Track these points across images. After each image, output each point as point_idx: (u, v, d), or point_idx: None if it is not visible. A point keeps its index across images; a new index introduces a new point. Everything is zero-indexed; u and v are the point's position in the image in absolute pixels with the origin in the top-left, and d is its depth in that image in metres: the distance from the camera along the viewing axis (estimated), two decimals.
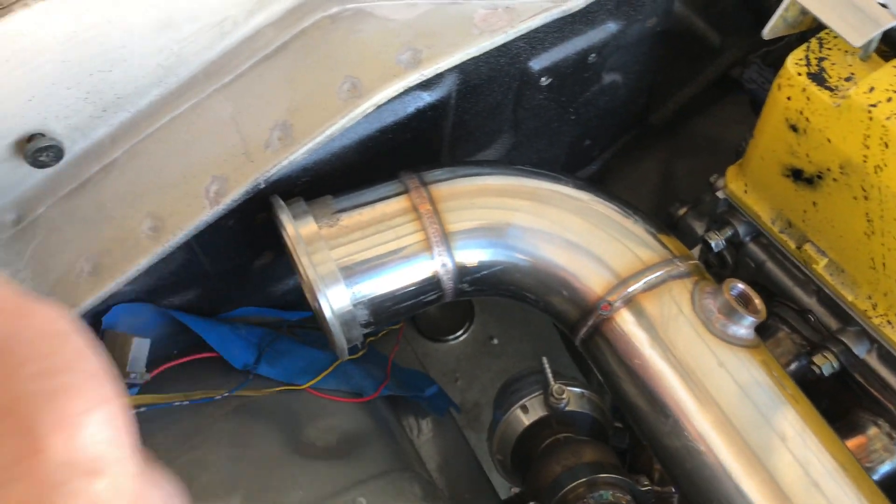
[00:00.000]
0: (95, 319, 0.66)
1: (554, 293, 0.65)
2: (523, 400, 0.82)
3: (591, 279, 0.63)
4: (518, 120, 0.83)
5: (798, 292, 0.74)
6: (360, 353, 0.82)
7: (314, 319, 0.73)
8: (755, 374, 0.59)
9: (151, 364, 0.68)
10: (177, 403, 0.67)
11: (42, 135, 0.60)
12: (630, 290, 0.61)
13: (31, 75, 0.56)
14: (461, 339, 1.16)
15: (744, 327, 0.60)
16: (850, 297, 0.67)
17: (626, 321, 0.62)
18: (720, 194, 0.75)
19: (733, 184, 0.74)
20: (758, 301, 0.61)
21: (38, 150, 0.60)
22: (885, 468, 0.69)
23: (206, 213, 0.61)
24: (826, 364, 0.70)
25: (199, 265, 0.71)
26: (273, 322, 0.82)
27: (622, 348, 0.63)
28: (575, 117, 0.90)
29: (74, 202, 0.64)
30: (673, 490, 0.76)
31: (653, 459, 0.80)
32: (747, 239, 0.76)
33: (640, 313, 0.62)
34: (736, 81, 0.92)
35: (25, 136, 0.60)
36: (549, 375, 0.78)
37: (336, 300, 0.61)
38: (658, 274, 0.62)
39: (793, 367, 0.73)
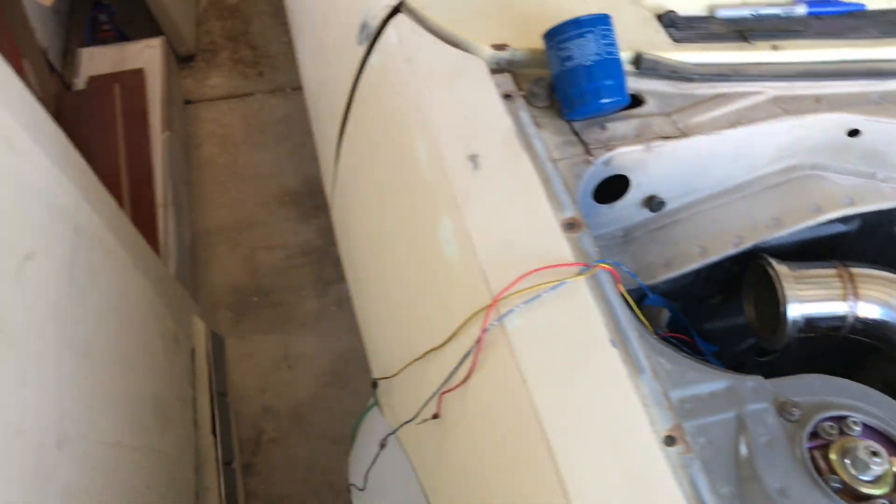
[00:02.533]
0: (641, 296, 1.26)
1: None
2: None
3: None
4: (877, 262, 1.38)
5: None
6: None
7: (716, 354, 1.28)
8: None
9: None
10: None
11: (657, 196, 1.24)
12: None
13: (673, 167, 1.21)
14: None
15: None
16: None
17: None
18: None
19: None
20: None
21: (656, 203, 1.23)
22: None
23: (729, 251, 1.21)
24: None
25: (694, 287, 1.29)
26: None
27: None
28: None
29: (658, 232, 1.26)
30: None
31: None
32: None
33: None
34: None
35: (650, 195, 1.24)
36: None
37: (793, 311, 1.16)
38: None
39: None
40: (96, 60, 3.21)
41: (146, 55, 3.23)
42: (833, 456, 0.87)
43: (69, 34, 3.75)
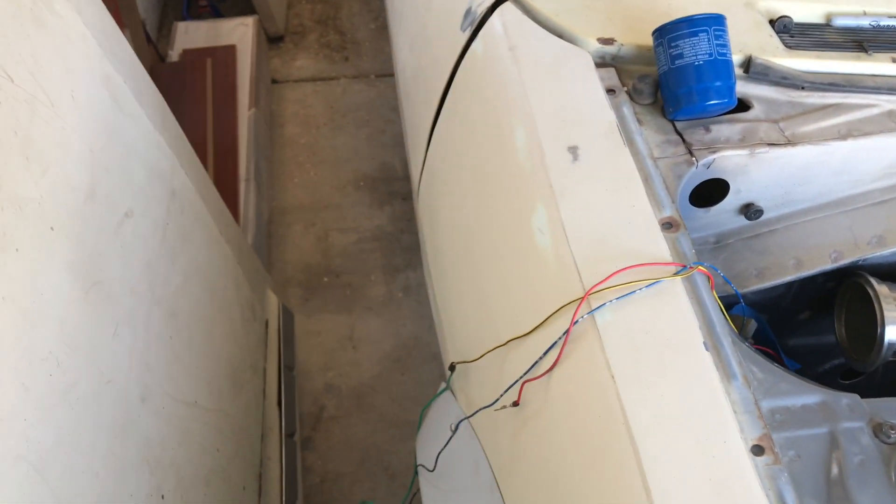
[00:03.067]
0: (729, 304, 1.23)
1: None
2: None
3: None
4: None
5: None
6: None
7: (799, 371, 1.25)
8: None
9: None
10: None
11: (755, 204, 1.21)
12: None
13: (775, 175, 1.17)
14: None
15: None
16: None
17: None
18: None
19: None
20: None
21: (753, 211, 1.20)
22: None
23: (826, 266, 1.17)
24: None
25: (782, 300, 1.26)
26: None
27: None
28: None
29: (752, 241, 1.23)
30: None
31: None
32: None
33: None
34: None
35: (748, 202, 1.21)
36: None
37: (892, 333, 1.12)
38: None
39: None
40: (191, 34, 3.30)
41: (238, 33, 3.30)
42: None
43: (166, 7, 3.86)
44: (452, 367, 1.18)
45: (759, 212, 1.21)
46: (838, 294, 1.24)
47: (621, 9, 1.30)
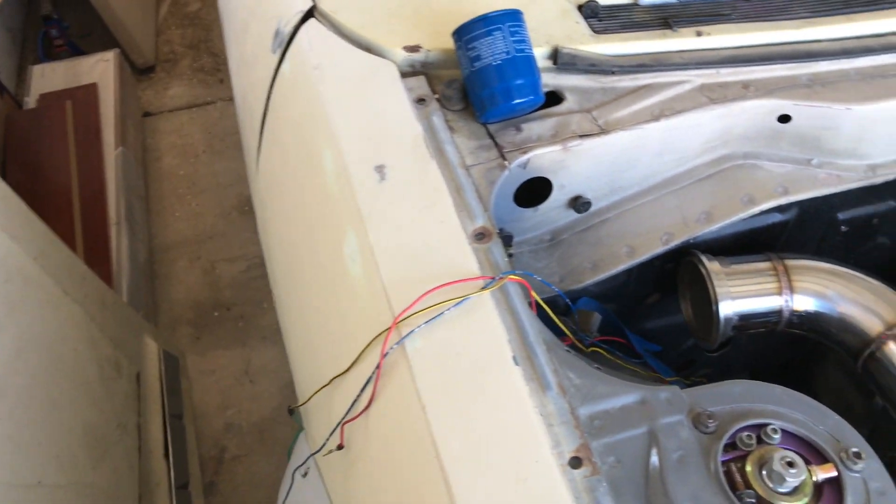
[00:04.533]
0: (573, 300, 1.21)
1: (844, 330, 1.11)
2: None
3: (871, 324, 1.09)
4: (818, 249, 1.33)
5: None
6: None
7: (660, 354, 1.25)
8: None
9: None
10: (616, 358, 1.18)
11: (582, 196, 1.19)
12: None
13: (596, 165, 1.16)
14: None
15: None
16: None
17: (892, 350, 1.07)
18: None
19: None
20: None
21: (581, 204, 1.18)
22: None
23: (659, 249, 1.16)
24: None
25: (627, 288, 1.24)
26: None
27: (888, 369, 1.07)
28: (853, 261, 1.37)
29: (585, 234, 1.21)
30: None
31: None
32: None
33: None
34: None
35: (575, 195, 1.19)
36: None
37: (725, 308, 1.12)
38: None
39: None
40: (48, 77, 3.15)
41: (99, 69, 3.17)
42: (749, 468, 0.82)
43: (24, 51, 3.68)
44: (291, 411, 1.13)
45: (587, 203, 1.19)
46: (678, 275, 1.23)
47: (428, 13, 1.26)
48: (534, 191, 1.17)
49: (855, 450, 0.83)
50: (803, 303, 1.13)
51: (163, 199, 3.01)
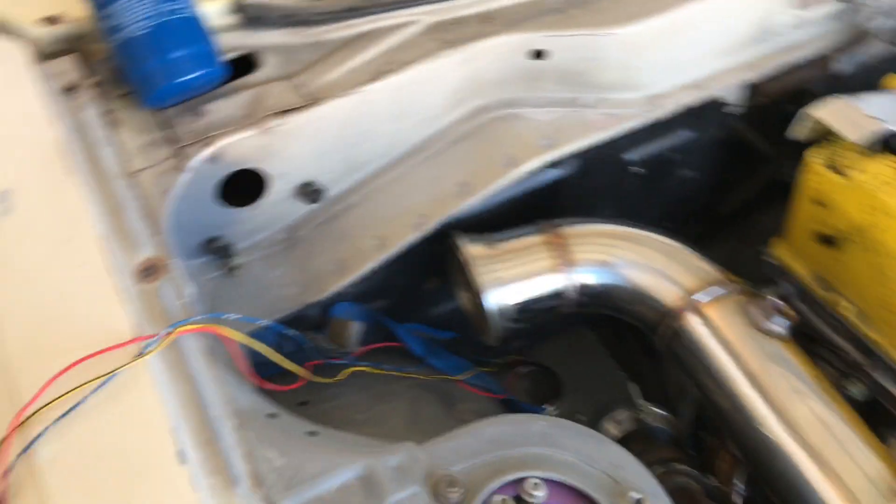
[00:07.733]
0: (325, 309, 0.98)
1: (640, 303, 0.93)
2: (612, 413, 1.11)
3: (668, 293, 0.92)
4: (616, 198, 1.14)
5: (836, 338, 0.94)
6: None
7: (457, 341, 1.04)
8: (788, 358, 0.86)
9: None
10: (385, 371, 0.97)
11: (312, 182, 0.94)
12: (696, 298, 0.90)
13: (317, 144, 0.91)
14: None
15: (780, 327, 0.87)
16: (875, 338, 0.90)
17: (694, 323, 0.90)
18: (770, 261, 1.02)
19: (778, 251, 1.02)
20: (789, 310, 0.88)
21: (312, 192, 0.94)
22: None
23: (412, 237, 0.94)
24: (857, 390, 0.94)
25: (393, 280, 1.02)
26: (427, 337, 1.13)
27: (692, 345, 0.90)
28: (657, 201, 1.20)
29: (326, 227, 0.97)
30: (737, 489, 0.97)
31: (720, 464, 1.03)
32: (793, 295, 1.02)
33: (704, 318, 0.90)
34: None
35: (302, 183, 0.94)
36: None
37: (494, 298, 0.91)
38: (716, 289, 0.90)
39: None
40: None
41: None
42: None
43: None
44: None
45: (320, 191, 0.95)
46: (446, 261, 1.02)
47: None
48: (252, 182, 0.92)
49: (636, 496, 0.65)
50: (587, 277, 0.94)
51: None
